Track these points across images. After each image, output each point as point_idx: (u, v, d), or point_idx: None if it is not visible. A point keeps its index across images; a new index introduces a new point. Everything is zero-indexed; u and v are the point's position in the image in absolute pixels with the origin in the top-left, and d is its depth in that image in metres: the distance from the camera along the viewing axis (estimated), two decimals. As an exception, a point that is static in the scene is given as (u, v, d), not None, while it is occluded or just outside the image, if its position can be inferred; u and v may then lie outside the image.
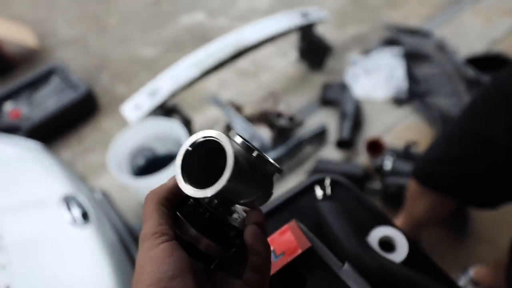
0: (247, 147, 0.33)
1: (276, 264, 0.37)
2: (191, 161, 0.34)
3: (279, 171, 0.35)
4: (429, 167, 0.89)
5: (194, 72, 1.57)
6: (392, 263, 0.45)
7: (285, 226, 0.41)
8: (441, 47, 1.95)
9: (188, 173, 0.33)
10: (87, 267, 0.88)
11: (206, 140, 0.33)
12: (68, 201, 0.96)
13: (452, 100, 1.68)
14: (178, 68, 1.60)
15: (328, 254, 0.39)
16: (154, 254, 0.30)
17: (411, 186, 1.01)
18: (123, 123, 1.83)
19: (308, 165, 1.62)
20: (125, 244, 1.11)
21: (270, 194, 0.37)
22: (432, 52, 1.91)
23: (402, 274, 0.44)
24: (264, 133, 1.64)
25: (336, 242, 0.49)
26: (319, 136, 1.66)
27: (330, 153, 1.65)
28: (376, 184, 1.44)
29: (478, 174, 0.78)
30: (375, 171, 1.47)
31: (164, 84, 1.55)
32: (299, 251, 0.37)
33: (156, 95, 1.52)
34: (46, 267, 0.87)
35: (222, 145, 0.31)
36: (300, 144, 1.62)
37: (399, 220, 1.20)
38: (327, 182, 0.59)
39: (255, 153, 0.33)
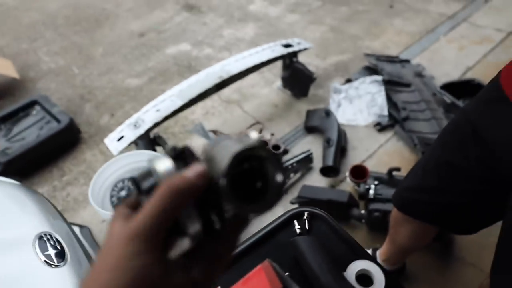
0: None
1: (248, 308, 0.37)
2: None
3: None
4: (407, 195, 0.90)
5: (178, 103, 1.58)
6: (368, 300, 0.44)
7: (258, 267, 0.41)
8: (419, 74, 2.02)
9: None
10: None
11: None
12: (43, 239, 0.93)
13: (430, 125, 1.72)
14: (162, 99, 1.61)
15: (301, 295, 0.38)
16: (119, 266, 0.27)
17: (394, 212, 1.02)
18: (106, 155, 1.81)
19: (293, 192, 1.61)
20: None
21: None
22: (410, 79, 1.98)
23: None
24: (249, 162, 1.64)
25: (313, 278, 0.48)
26: (304, 163, 1.67)
27: (316, 179, 1.65)
28: (361, 211, 1.44)
29: (454, 202, 0.79)
30: (360, 197, 1.48)
31: (148, 116, 1.55)
32: (272, 292, 0.37)
33: (139, 126, 1.52)
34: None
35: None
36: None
37: (384, 246, 1.19)
38: (305, 215, 0.59)
39: None
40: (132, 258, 0.27)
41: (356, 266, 0.51)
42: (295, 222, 0.58)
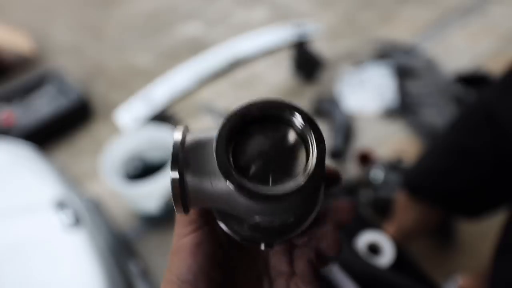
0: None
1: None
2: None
3: None
4: (418, 178, 0.92)
5: (189, 82, 1.60)
6: (376, 267, 0.46)
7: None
8: (430, 64, 2.01)
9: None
10: (78, 272, 0.88)
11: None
12: (59, 205, 0.96)
13: (441, 115, 1.72)
14: (174, 77, 1.62)
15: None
16: (180, 247, 0.29)
17: (401, 197, 1.03)
18: (116, 130, 1.84)
19: (300, 176, 1.64)
20: (116, 250, 1.11)
21: None
22: (422, 69, 1.97)
23: (387, 279, 0.45)
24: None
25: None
26: (311, 147, 1.69)
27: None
28: (366, 196, 1.46)
29: (464, 186, 0.81)
30: (366, 183, 1.50)
31: (159, 92, 1.56)
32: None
33: (150, 102, 1.54)
34: (36, 272, 0.86)
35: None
36: (292, 155, 1.64)
37: (387, 232, 1.21)
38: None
39: None
40: None
41: (366, 236, 0.53)
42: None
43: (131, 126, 1.50)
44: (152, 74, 2.23)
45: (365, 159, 1.55)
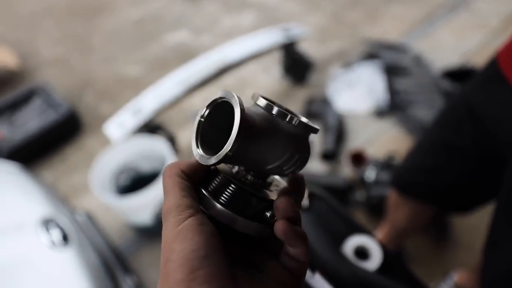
0: (268, 105, 0.30)
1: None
2: (209, 128, 0.31)
3: (313, 129, 0.31)
4: (407, 176, 0.91)
5: (178, 90, 1.59)
6: (364, 271, 0.45)
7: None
8: (418, 61, 2.02)
9: (206, 142, 0.30)
10: (68, 290, 0.86)
11: (219, 103, 0.30)
12: (47, 223, 0.95)
13: (430, 112, 1.73)
14: (162, 86, 1.61)
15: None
16: (182, 230, 0.28)
17: (392, 195, 1.03)
18: (106, 142, 1.82)
19: (293, 179, 1.63)
20: (108, 266, 1.09)
21: (305, 157, 0.32)
22: (410, 66, 1.97)
23: (375, 282, 0.44)
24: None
25: (311, 251, 0.49)
26: (303, 150, 1.68)
27: (315, 166, 1.66)
28: (360, 196, 1.46)
29: (452, 182, 0.80)
30: (359, 182, 1.49)
31: (148, 102, 1.55)
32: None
33: (139, 113, 1.52)
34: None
35: (232, 104, 0.28)
36: (284, 158, 1.63)
37: (382, 231, 1.21)
38: (305, 194, 0.60)
39: (275, 110, 0.30)
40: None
41: (354, 240, 0.52)
42: (294, 200, 0.59)
43: (120, 138, 1.48)
44: (141, 84, 2.22)
45: (358, 159, 1.55)
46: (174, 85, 1.61)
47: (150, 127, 1.58)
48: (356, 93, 1.95)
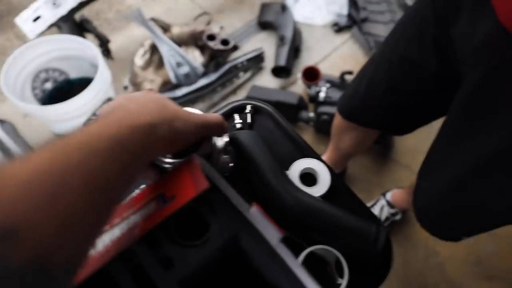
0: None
1: (166, 210, 0.30)
2: None
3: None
4: (353, 102, 0.85)
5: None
6: (310, 198, 0.40)
7: (181, 162, 0.33)
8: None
9: None
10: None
11: None
12: None
13: (389, 29, 1.64)
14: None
15: (234, 195, 0.32)
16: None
17: (337, 121, 0.99)
18: (24, 39, 1.54)
19: (242, 93, 1.53)
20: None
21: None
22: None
23: (320, 210, 0.39)
24: (195, 57, 1.48)
25: (254, 174, 0.43)
26: (255, 62, 1.56)
27: (266, 80, 1.56)
28: (310, 113, 1.42)
29: (403, 105, 0.76)
30: (310, 100, 1.44)
31: (70, -8, 1.28)
32: (192, 194, 0.30)
33: (60, 5, 1.26)
34: None
35: None
36: (233, 70, 1.51)
37: (327, 154, 1.20)
38: (248, 108, 0.51)
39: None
40: None
41: (301, 164, 0.46)
42: (236, 116, 0.51)
43: (38, 33, 1.24)
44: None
45: (310, 76, 1.47)
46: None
47: (76, 24, 1.33)
48: (315, 2, 1.79)
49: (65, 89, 1.40)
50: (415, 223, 0.85)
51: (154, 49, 1.47)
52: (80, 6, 1.30)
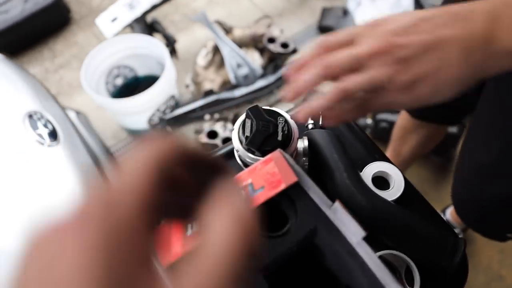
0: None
1: (255, 199, 0.32)
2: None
3: None
4: None
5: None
6: (386, 204, 0.40)
7: (268, 157, 0.35)
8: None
9: None
10: (57, 188, 0.83)
11: None
12: (33, 118, 0.88)
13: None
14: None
15: (316, 191, 0.33)
16: None
17: (402, 121, 0.97)
18: (100, 38, 1.67)
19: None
20: (100, 166, 1.06)
21: None
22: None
23: (397, 217, 0.39)
24: (254, 59, 1.52)
25: (328, 174, 0.43)
26: (313, 66, 1.56)
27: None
28: (368, 120, 1.39)
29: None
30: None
31: (145, -5, 1.37)
32: (283, 186, 0.32)
33: (135, 7, 1.36)
34: (12, 187, 0.81)
35: None
36: (291, 73, 1.52)
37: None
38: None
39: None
40: None
41: (374, 167, 0.46)
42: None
43: (115, 33, 1.34)
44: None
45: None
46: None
47: (147, 25, 1.43)
48: (379, 7, 1.75)
49: (133, 85, 1.50)
50: (478, 244, 0.80)
51: (216, 50, 1.53)
52: (152, 8, 1.39)
